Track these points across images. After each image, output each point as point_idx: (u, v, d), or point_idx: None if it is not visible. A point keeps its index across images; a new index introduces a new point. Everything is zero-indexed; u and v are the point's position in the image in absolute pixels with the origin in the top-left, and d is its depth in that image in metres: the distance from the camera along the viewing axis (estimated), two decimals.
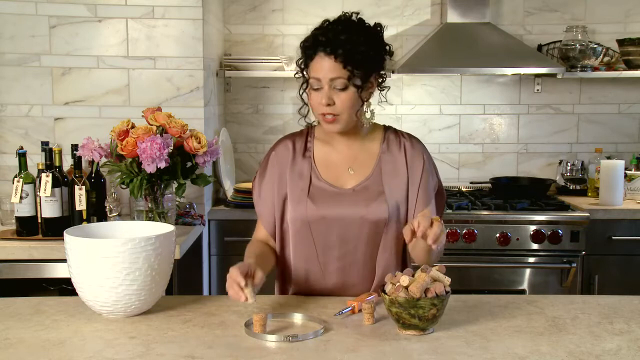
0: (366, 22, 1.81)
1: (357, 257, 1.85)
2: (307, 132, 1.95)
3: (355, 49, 1.73)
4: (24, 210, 2.60)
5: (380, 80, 1.86)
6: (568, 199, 3.52)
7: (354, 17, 1.80)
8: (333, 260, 1.84)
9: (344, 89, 1.75)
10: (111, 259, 1.59)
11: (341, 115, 1.78)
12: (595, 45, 3.59)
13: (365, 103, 1.83)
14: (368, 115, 1.85)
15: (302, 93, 1.84)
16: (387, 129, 1.95)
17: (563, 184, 3.74)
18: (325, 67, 1.74)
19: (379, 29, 1.82)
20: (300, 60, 1.82)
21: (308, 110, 1.87)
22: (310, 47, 1.77)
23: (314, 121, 1.92)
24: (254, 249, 1.88)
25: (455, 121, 3.90)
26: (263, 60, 3.58)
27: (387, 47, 1.84)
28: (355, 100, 1.77)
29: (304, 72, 1.82)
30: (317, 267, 1.86)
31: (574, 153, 3.88)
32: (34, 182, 2.61)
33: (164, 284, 1.71)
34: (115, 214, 2.94)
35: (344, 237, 1.84)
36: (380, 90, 1.88)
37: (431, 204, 1.89)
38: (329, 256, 1.84)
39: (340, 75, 1.74)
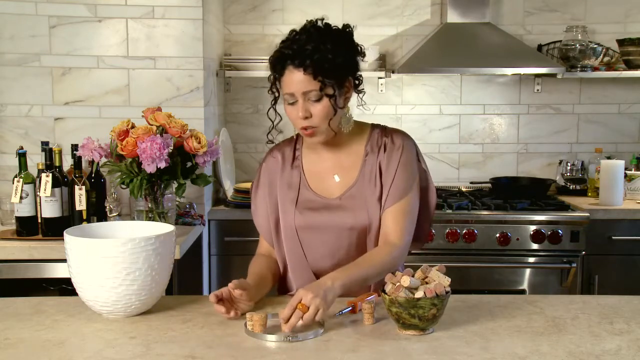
0: (333, 26, 1.77)
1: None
2: (296, 141, 1.92)
3: (324, 58, 1.68)
4: (24, 210, 2.60)
5: (356, 83, 1.80)
6: (568, 199, 3.52)
7: (319, 24, 1.76)
8: (326, 268, 1.78)
9: (319, 100, 1.71)
10: (111, 259, 1.59)
11: (319, 127, 1.74)
12: (595, 45, 3.59)
13: (344, 109, 1.79)
14: (345, 121, 1.80)
15: (271, 108, 1.78)
16: (373, 128, 1.89)
17: (563, 184, 3.74)
18: (296, 80, 1.70)
19: (347, 30, 1.78)
20: (271, 76, 1.77)
21: (277, 123, 1.79)
22: (278, 61, 1.73)
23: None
24: (255, 269, 1.85)
25: (455, 121, 3.90)
26: (263, 60, 3.57)
27: (359, 48, 1.79)
28: (330, 109, 1.72)
29: (277, 88, 1.77)
30: (310, 275, 1.83)
31: (574, 153, 3.88)
32: (34, 182, 2.60)
33: (164, 284, 1.71)
34: (115, 214, 2.94)
35: (335, 246, 1.81)
36: (357, 93, 1.82)
37: (406, 198, 1.79)
38: (322, 265, 1.82)
39: (313, 87, 1.69)
